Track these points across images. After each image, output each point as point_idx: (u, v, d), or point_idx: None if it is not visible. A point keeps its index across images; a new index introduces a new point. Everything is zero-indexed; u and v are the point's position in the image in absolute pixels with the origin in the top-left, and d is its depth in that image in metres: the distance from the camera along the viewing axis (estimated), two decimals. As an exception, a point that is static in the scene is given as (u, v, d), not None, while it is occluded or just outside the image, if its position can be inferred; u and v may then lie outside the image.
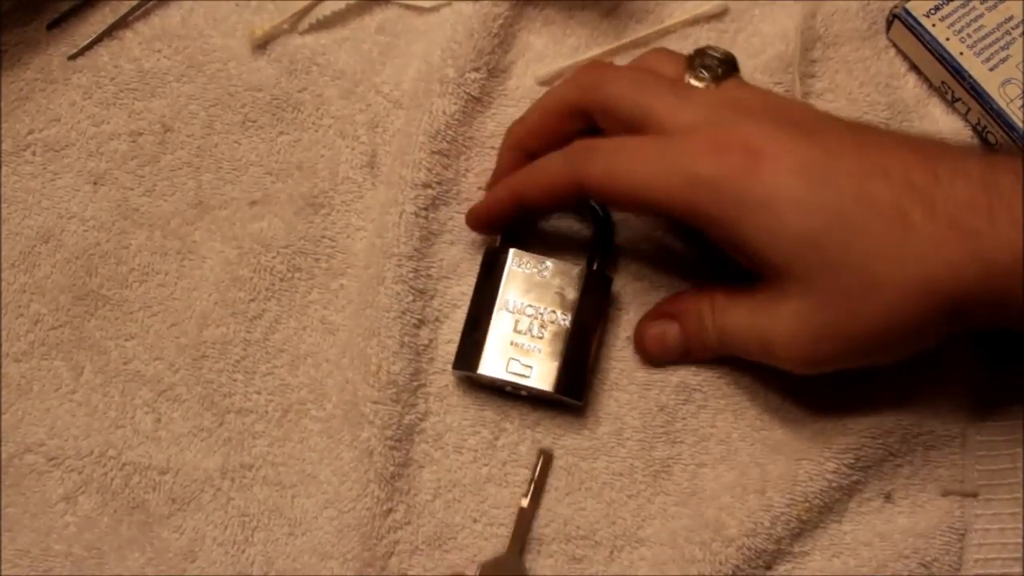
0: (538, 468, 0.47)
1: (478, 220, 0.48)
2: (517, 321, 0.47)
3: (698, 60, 0.46)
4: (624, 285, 0.50)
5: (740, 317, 0.45)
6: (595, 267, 0.48)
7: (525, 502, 0.47)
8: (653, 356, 0.48)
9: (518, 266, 0.47)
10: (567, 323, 0.47)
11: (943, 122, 0.51)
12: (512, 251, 0.48)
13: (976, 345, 0.48)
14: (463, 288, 0.49)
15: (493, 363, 0.46)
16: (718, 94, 0.45)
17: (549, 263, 0.47)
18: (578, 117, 0.46)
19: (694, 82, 0.46)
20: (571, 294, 0.47)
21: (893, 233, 0.40)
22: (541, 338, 0.47)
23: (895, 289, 0.40)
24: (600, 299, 0.48)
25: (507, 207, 0.47)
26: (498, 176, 0.49)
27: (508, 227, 0.48)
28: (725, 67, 0.46)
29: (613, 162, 0.43)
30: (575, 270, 0.47)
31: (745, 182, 0.41)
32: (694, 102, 0.43)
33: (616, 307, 0.49)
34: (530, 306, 0.47)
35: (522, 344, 0.47)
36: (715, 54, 0.46)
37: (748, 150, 0.41)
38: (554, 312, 0.47)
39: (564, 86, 0.47)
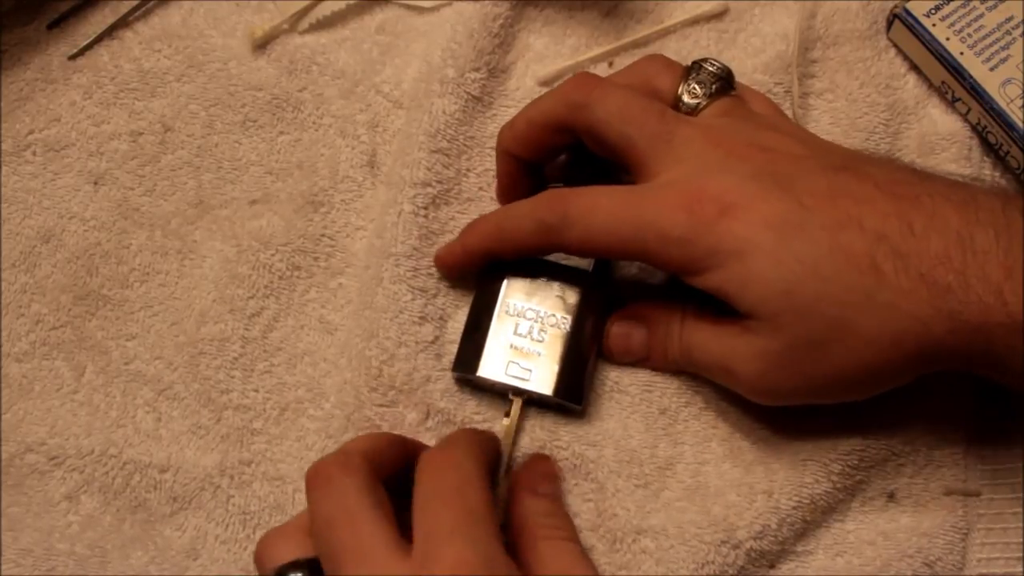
0: (513, 405, 0.47)
1: (449, 269, 0.48)
2: (518, 324, 0.47)
3: (694, 74, 0.46)
4: (626, 289, 0.50)
5: (708, 339, 0.45)
6: (597, 272, 0.48)
7: (506, 421, 0.46)
8: (613, 354, 0.48)
9: (522, 267, 0.47)
10: (568, 327, 0.47)
11: (942, 122, 0.51)
12: None
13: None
14: (464, 289, 0.49)
15: (493, 366, 0.46)
16: (705, 124, 0.45)
17: (552, 266, 0.47)
18: (564, 132, 0.46)
19: (687, 98, 0.46)
20: (572, 298, 0.47)
21: (864, 284, 0.40)
22: (541, 341, 0.46)
23: (863, 338, 0.40)
24: (601, 304, 0.48)
25: (478, 260, 0.47)
26: (501, 182, 0.49)
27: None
28: (720, 84, 0.46)
29: (588, 228, 0.43)
30: (578, 273, 0.47)
31: (716, 235, 0.41)
32: (678, 138, 0.43)
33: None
34: (531, 309, 0.47)
35: (522, 347, 0.46)
36: (711, 68, 0.46)
37: (721, 205, 0.41)
38: (555, 316, 0.47)
39: (553, 99, 0.46)
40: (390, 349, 0.48)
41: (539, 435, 0.47)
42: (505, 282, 0.47)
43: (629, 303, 0.48)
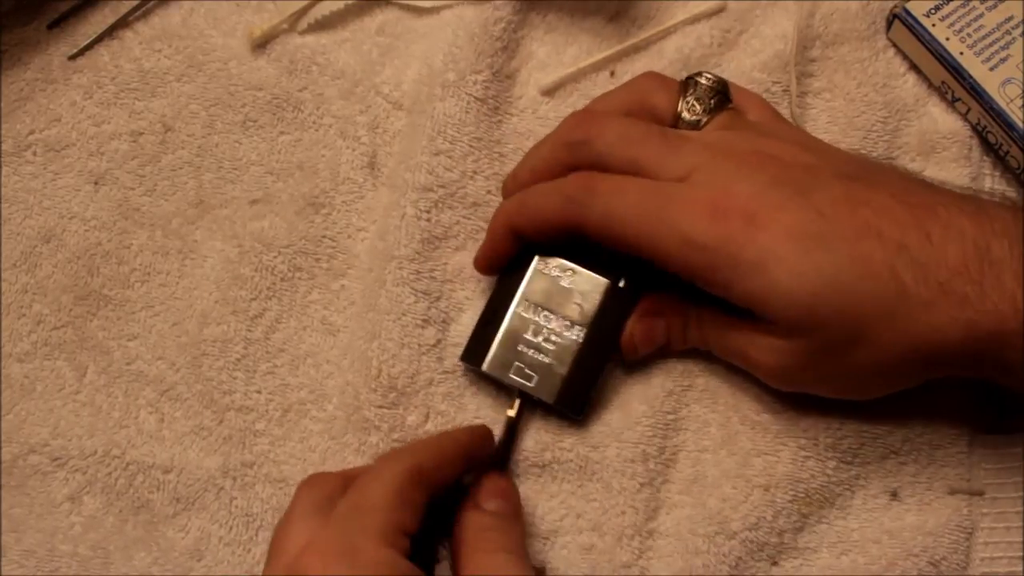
0: (517, 402, 0.46)
1: (485, 264, 0.47)
2: (532, 325, 0.46)
3: (691, 90, 0.46)
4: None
5: (723, 331, 0.45)
6: (622, 285, 0.47)
7: (511, 412, 0.46)
8: (638, 348, 0.47)
9: (545, 268, 0.47)
10: (580, 336, 0.46)
11: (942, 121, 0.51)
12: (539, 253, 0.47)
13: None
14: (467, 293, 0.49)
15: (499, 362, 0.46)
16: (709, 139, 0.45)
17: (575, 272, 0.47)
18: (569, 173, 0.45)
19: (686, 115, 0.46)
20: (591, 307, 0.46)
21: (885, 295, 0.40)
22: (552, 346, 0.46)
23: (879, 345, 0.41)
24: (619, 318, 0.47)
25: (505, 243, 0.46)
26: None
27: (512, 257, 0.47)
28: (718, 97, 0.47)
29: (611, 208, 0.43)
30: (600, 283, 0.47)
31: (740, 247, 0.41)
32: (685, 151, 0.44)
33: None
34: (548, 312, 0.46)
35: (532, 349, 0.46)
36: (707, 83, 0.47)
37: (743, 215, 0.41)
38: (570, 323, 0.46)
39: (552, 144, 0.46)
40: (392, 350, 0.48)
41: (543, 437, 0.48)
42: (526, 280, 0.47)
43: (641, 302, 0.47)
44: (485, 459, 0.45)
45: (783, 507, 0.46)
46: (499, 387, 0.48)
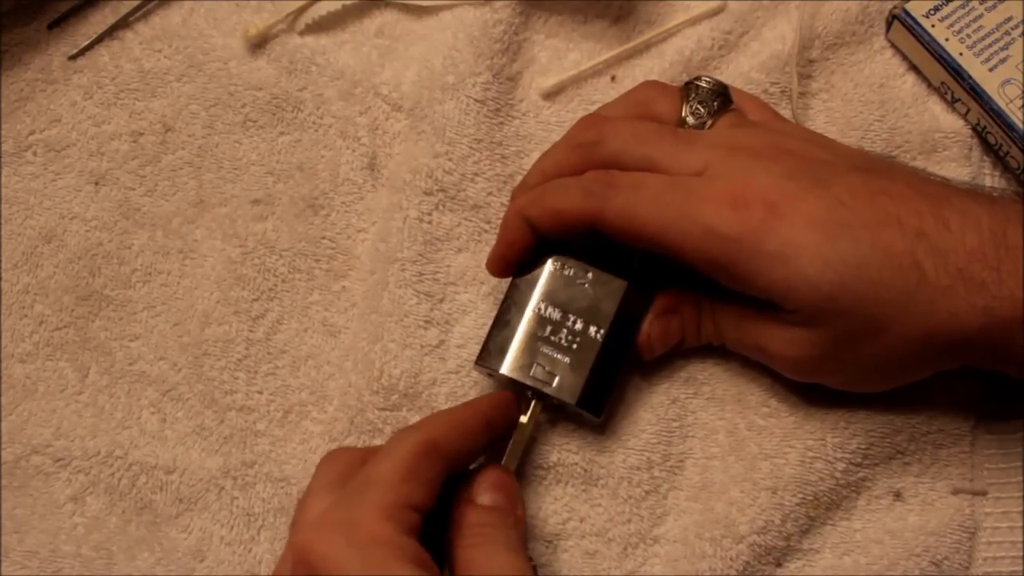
0: (532, 405, 0.46)
1: (497, 263, 0.47)
2: (549, 326, 0.46)
3: (692, 95, 0.47)
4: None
5: (740, 324, 0.45)
6: (638, 285, 0.46)
7: (524, 418, 0.45)
8: (655, 346, 0.47)
9: (560, 268, 0.46)
10: (600, 337, 0.46)
11: (943, 121, 0.51)
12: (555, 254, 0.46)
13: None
14: (470, 295, 0.49)
15: (518, 364, 0.45)
16: (720, 136, 0.45)
17: (591, 272, 0.46)
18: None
19: (691, 120, 0.46)
20: (608, 308, 0.46)
21: (905, 283, 0.41)
22: (571, 348, 0.45)
23: (898, 334, 0.41)
24: (636, 318, 0.46)
25: (520, 239, 0.45)
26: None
27: (526, 258, 0.46)
28: (720, 100, 0.47)
29: (632, 201, 0.43)
30: (618, 283, 0.46)
31: (762, 237, 0.41)
32: (698, 147, 0.44)
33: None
34: (565, 313, 0.46)
35: (551, 351, 0.45)
36: (707, 86, 0.47)
37: (764, 205, 0.41)
38: (589, 324, 0.46)
39: (563, 147, 0.46)
40: (394, 351, 0.48)
41: (551, 439, 0.48)
42: (542, 280, 0.46)
43: (655, 300, 0.47)
44: (510, 427, 0.45)
45: (791, 510, 0.46)
46: (504, 387, 0.48)
